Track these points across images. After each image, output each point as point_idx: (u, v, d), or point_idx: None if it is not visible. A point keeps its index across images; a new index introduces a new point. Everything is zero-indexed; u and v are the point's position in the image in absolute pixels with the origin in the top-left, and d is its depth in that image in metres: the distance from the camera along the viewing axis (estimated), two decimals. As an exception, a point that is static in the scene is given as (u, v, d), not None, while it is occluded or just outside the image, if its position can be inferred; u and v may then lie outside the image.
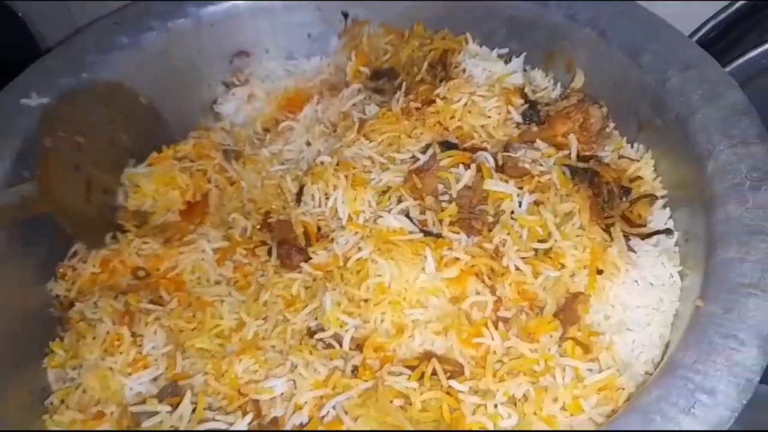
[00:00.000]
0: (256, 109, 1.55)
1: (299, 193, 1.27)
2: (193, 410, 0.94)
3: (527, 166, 1.11)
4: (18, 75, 1.33)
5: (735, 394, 0.75)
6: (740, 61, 1.34)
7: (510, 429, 0.85)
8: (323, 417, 0.93)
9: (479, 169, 1.10)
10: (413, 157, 1.18)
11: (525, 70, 1.35)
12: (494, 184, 1.08)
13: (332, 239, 1.18)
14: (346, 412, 0.90)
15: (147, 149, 1.37)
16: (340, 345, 1.04)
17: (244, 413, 0.93)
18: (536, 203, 1.08)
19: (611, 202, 1.09)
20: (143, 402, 0.96)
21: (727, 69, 1.31)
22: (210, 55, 1.53)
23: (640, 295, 1.04)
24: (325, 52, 1.57)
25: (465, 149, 1.15)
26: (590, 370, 0.95)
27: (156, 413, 0.93)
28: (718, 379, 0.76)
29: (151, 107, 1.43)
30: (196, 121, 1.54)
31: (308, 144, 1.37)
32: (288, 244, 1.21)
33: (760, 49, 1.34)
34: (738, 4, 1.46)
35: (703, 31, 1.48)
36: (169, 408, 0.94)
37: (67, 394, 1.06)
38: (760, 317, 0.80)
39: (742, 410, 0.72)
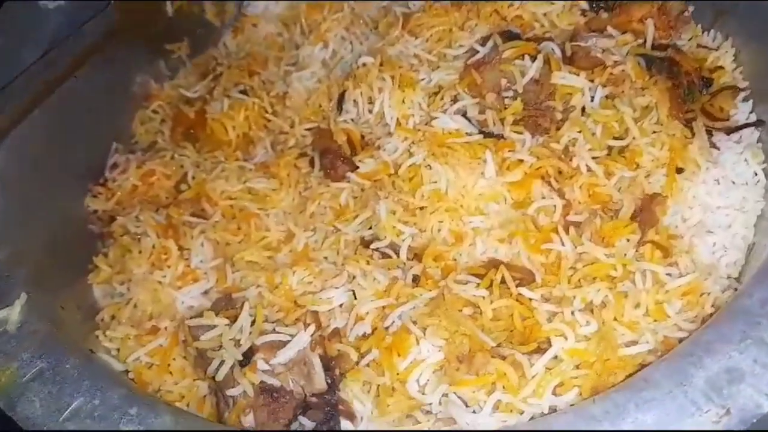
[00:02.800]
0: (287, 7, 1.44)
1: (340, 100, 1.18)
2: (252, 322, 0.90)
3: (599, 55, 1.00)
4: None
5: None
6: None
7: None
8: (388, 327, 0.88)
9: (546, 61, 0.99)
10: (470, 50, 1.08)
11: (589, -51, 1.21)
12: (563, 77, 0.99)
13: (378, 146, 1.11)
14: (414, 322, 0.85)
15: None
16: (397, 255, 0.99)
17: (305, 325, 0.89)
18: (609, 97, 0.99)
19: (691, 95, 1.00)
20: (200, 315, 0.92)
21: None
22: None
23: (721, 194, 0.97)
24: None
25: (528, 39, 1.04)
26: (670, 274, 0.89)
27: (214, 326, 0.89)
28: (830, 279, 0.69)
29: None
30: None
31: (349, 43, 1.27)
32: (331, 154, 1.14)
33: None
34: None
35: None
36: (227, 321, 0.90)
37: (117, 310, 1.03)
38: None
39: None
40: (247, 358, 0.85)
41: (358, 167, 1.10)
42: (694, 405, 0.64)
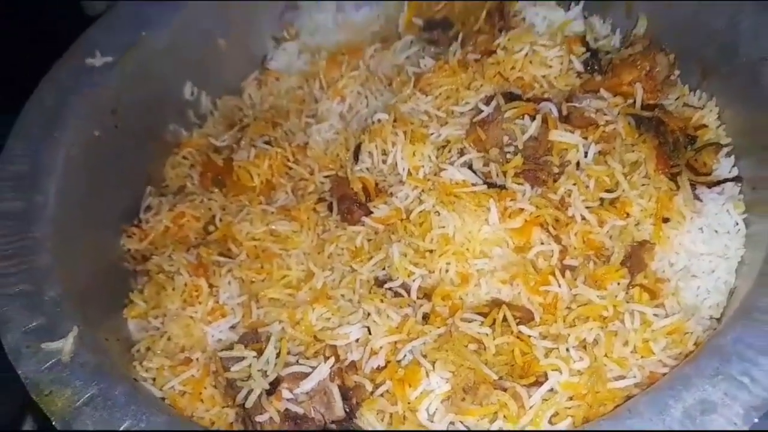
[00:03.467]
0: (307, 63, 1.56)
1: (356, 151, 1.29)
2: (277, 355, 0.99)
3: (592, 115, 1.11)
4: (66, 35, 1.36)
5: (813, 335, 0.77)
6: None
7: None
8: (400, 361, 0.97)
9: (545, 120, 1.10)
10: (474, 108, 1.19)
11: (585, 17, 1.33)
12: (560, 135, 1.09)
13: (391, 194, 1.20)
14: (424, 356, 0.94)
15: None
16: (408, 294, 1.08)
17: (325, 358, 0.98)
18: (602, 153, 1.09)
19: (677, 151, 1.09)
20: (230, 348, 1.01)
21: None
22: (260, 9, 1.54)
23: (705, 242, 1.06)
24: (375, 2, 1.57)
25: (528, 100, 1.15)
26: (657, 315, 0.97)
27: (243, 358, 0.98)
28: (795, 321, 0.78)
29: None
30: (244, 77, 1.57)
31: (365, 98, 1.38)
32: (348, 200, 1.24)
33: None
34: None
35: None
36: (254, 353, 0.99)
37: (152, 342, 1.12)
38: (837, 262, 0.81)
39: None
40: (273, 387, 0.94)
41: (372, 212, 1.20)
42: (672, 433, 0.72)
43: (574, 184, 1.07)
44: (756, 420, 0.71)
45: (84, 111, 1.24)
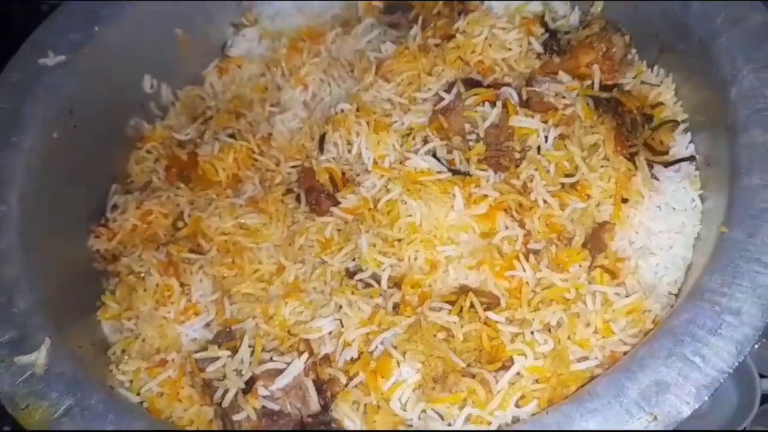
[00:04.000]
0: (268, 49, 1.55)
1: (321, 141, 1.29)
2: (251, 353, 1.01)
3: (551, 99, 1.12)
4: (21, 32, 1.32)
5: (759, 314, 0.81)
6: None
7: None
8: (372, 352, 1.00)
9: (504, 106, 1.11)
10: (436, 95, 1.19)
11: (543, -4, 1.33)
12: (520, 120, 1.10)
13: (358, 183, 1.21)
14: (395, 347, 0.97)
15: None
16: (378, 284, 1.10)
17: (299, 353, 1.00)
18: (561, 137, 1.11)
19: (634, 131, 1.12)
20: (204, 349, 1.03)
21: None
22: (218, -5, 1.51)
23: (663, 219, 1.09)
24: (335, -15, 1.54)
25: (489, 86, 1.16)
26: (618, 294, 1.01)
27: (218, 358, 1.00)
28: (743, 301, 0.82)
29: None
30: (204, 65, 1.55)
31: (328, 86, 1.38)
32: (316, 191, 1.25)
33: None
34: None
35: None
36: (228, 353, 1.01)
37: (127, 344, 1.13)
38: (783, 241, 0.85)
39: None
40: (248, 386, 0.97)
41: (340, 203, 1.21)
42: (628, 413, 0.76)
43: (536, 170, 1.09)
44: (706, 398, 0.75)
45: (40, 114, 1.22)
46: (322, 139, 1.28)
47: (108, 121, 1.39)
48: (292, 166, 1.33)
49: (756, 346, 1.48)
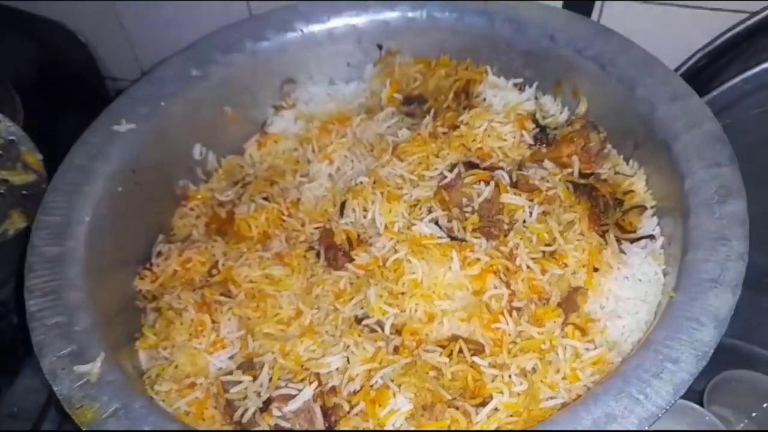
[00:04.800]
0: (302, 129, 1.79)
1: (342, 207, 1.50)
2: (270, 380, 1.18)
3: (537, 182, 1.33)
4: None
5: (694, 362, 0.96)
6: (725, 86, 1.56)
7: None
8: (373, 385, 1.16)
9: (497, 185, 1.32)
10: (441, 174, 1.41)
11: (536, 98, 1.57)
12: (509, 198, 1.31)
13: (371, 244, 1.40)
14: (392, 380, 1.14)
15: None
16: (383, 330, 1.27)
17: (310, 383, 1.17)
18: (544, 213, 1.30)
19: (607, 212, 1.31)
20: (229, 373, 1.20)
21: (714, 93, 1.53)
22: (263, 82, 1.78)
23: (630, 288, 1.26)
24: (362, 78, 1.80)
25: (485, 168, 1.37)
26: (587, 348, 1.17)
27: (240, 382, 1.17)
28: (682, 352, 0.98)
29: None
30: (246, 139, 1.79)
31: (351, 162, 1.60)
32: (334, 249, 1.44)
33: (742, 76, 1.56)
34: (724, 38, 1.67)
35: (693, 60, 1.69)
36: (250, 378, 1.18)
37: (162, 370, 1.30)
38: (717, 304, 1.02)
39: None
40: (265, 406, 1.12)
41: (354, 260, 1.39)
42: (582, 438, 0.91)
43: (521, 239, 1.28)
44: (645, 428, 0.91)
45: (109, 170, 1.44)
46: (343, 205, 1.49)
47: (162, 182, 1.61)
48: (315, 228, 1.51)
49: (741, 426, 1.62)
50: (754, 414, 1.63)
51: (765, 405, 1.63)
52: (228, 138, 1.77)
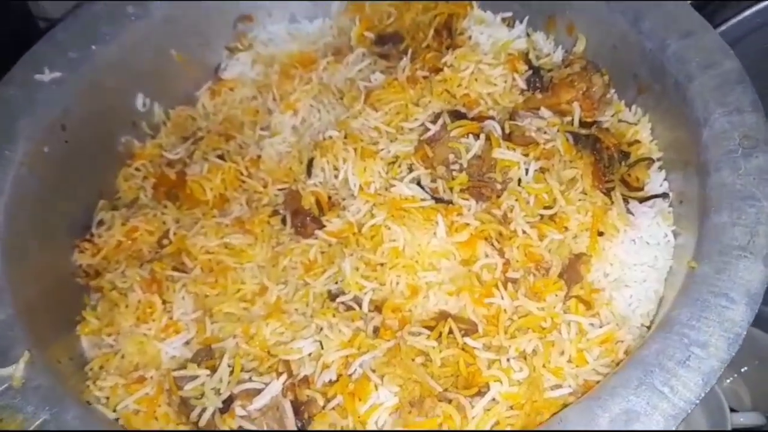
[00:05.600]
0: (261, 74, 1.58)
1: (309, 166, 1.32)
2: (230, 372, 1.01)
3: (533, 134, 1.16)
4: (17, 47, 1.34)
5: (725, 346, 0.84)
6: (734, 20, 1.39)
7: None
8: (351, 374, 1.01)
9: (488, 138, 1.15)
10: (423, 126, 1.23)
11: (528, 35, 1.38)
12: (502, 153, 1.14)
13: (344, 207, 1.24)
14: (373, 371, 0.99)
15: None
16: (360, 307, 1.12)
17: (278, 374, 1.01)
18: (542, 170, 1.14)
19: (611, 167, 1.16)
20: (183, 367, 1.04)
21: (723, 27, 1.37)
22: (214, 20, 1.54)
23: (637, 253, 1.12)
24: (328, 14, 1.59)
25: (473, 118, 1.20)
26: (592, 324, 1.04)
27: (196, 377, 1.01)
28: (710, 334, 0.85)
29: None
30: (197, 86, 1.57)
31: (318, 112, 1.41)
32: (302, 214, 1.27)
33: (753, 9, 1.39)
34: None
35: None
36: (208, 372, 1.02)
37: (106, 360, 1.13)
38: (748, 277, 0.88)
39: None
40: (226, 405, 0.97)
41: (325, 226, 1.23)
42: (599, 441, 0.78)
43: (516, 200, 1.12)
44: (674, 428, 0.78)
45: (33, 128, 1.23)
46: (310, 163, 1.31)
47: (99, 138, 1.41)
48: (279, 189, 1.34)
49: (728, 381, 1.54)
50: (743, 369, 1.55)
51: (757, 362, 1.54)
52: (176, 86, 1.56)
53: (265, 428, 0.96)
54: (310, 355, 1.06)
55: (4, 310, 1.00)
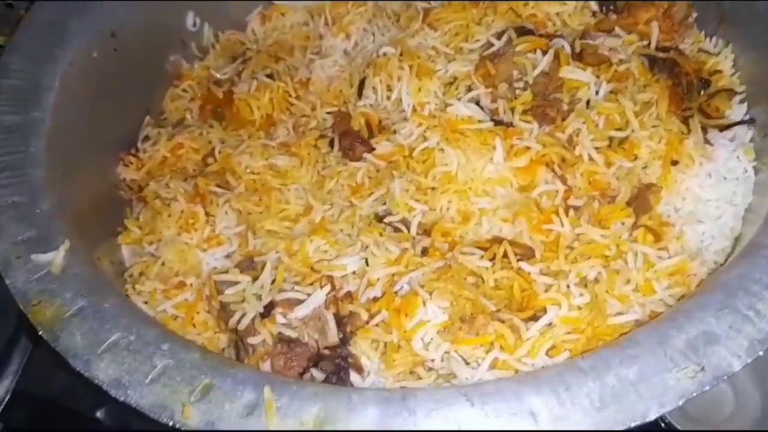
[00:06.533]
0: (314, -1, 1.52)
1: (360, 86, 1.26)
2: (272, 281, 0.97)
3: (606, 53, 1.07)
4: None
5: (819, 270, 0.75)
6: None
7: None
8: (397, 292, 0.96)
9: (556, 56, 1.07)
10: (485, 45, 1.15)
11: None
12: (571, 72, 1.06)
13: (395, 131, 1.18)
14: (422, 286, 0.93)
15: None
16: (408, 229, 1.06)
17: (321, 286, 0.96)
18: (613, 92, 1.06)
19: (690, 94, 1.07)
20: (225, 273, 1.00)
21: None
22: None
23: (713, 188, 1.04)
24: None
25: (541, 36, 1.11)
26: (660, 257, 0.96)
27: (238, 282, 0.97)
28: (802, 257, 0.76)
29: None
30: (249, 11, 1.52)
31: (371, 35, 1.34)
32: (351, 136, 1.21)
33: None
34: None
35: None
36: (249, 279, 0.97)
37: (146, 267, 1.10)
38: None
39: None
40: (267, 312, 0.93)
41: (374, 149, 1.17)
42: (673, 362, 0.71)
43: (584, 123, 1.04)
44: (760, 353, 0.70)
45: (82, 30, 1.20)
46: (362, 84, 1.25)
47: (148, 53, 1.38)
48: (328, 112, 1.29)
49: None
50: None
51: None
52: (227, 9, 1.51)
53: (306, 338, 0.92)
54: (354, 272, 1.01)
55: (47, 202, 0.97)
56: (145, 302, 1.04)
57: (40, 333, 0.83)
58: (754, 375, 1.18)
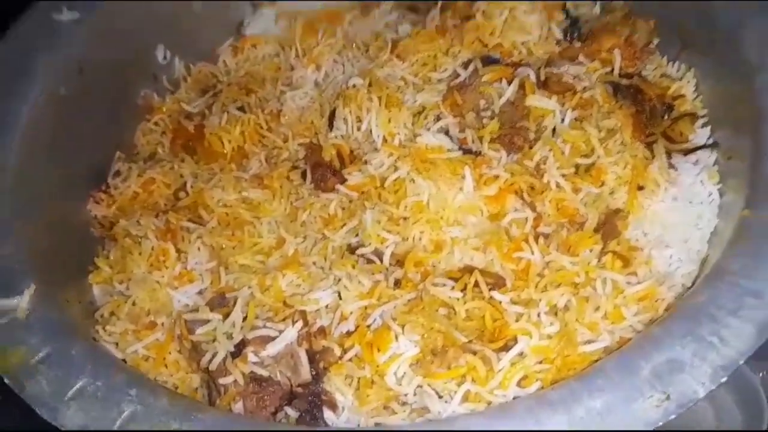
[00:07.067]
0: (285, 30, 1.53)
1: (331, 117, 1.26)
2: (244, 318, 0.96)
3: (570, 81, 1.09)
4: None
5: (782, 296, 0.76)
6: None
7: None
8: (370, 325, 0.95)
9: (521, 85, 1.08)
10: (452, 74, 1.17)
11: (565, -18, 1.31)
12: (537, 100, 1.07)
13: (366, 161, 1.18)
14: (393, 319, 0.93)
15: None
16: (381, 260, 1.06)
17: (294, 322, 0.96)
18: (578, 119, 1.07)
19: (653, 119, 1.09)
20: (195, 311, 0.99)
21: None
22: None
23: (679, 212, 1.05)
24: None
25: (507, 65, 1.13)
26: (629, 282, 0.96)
27: (208, 321, 0.96)
28: (766, 282, 0.77)
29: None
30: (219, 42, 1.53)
31: (341, 66, 1.35)
32: (322, 167, 1.22)
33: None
34: None
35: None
36: (220, 317, 0.97)
37: (116, 307, 1.08)
38: (808, 225, 0.81)
39: None
40: (238, 350, 0.92)
41: (346, 180, 1.17)
42: (639, 392, 0.71)
43: (550, 150, 1.05)
44: (723, 380, 0.70)
45: (49, 67, 1.19)
46: (332, 115, 1.25)
47: (118, 88, 1.37)
48: (300, 144, 1.29)
49: (764, 373, 1.44)
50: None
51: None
52: (197, 40, 1.52)
53: (278, 375, 0.91)
54: (327, 306, 1.01)
55: (13, 244, 0.96)
56: (116, 344, 1.02)
57: (5, 380, 0.81)
58: (734, 391, 1.19)
